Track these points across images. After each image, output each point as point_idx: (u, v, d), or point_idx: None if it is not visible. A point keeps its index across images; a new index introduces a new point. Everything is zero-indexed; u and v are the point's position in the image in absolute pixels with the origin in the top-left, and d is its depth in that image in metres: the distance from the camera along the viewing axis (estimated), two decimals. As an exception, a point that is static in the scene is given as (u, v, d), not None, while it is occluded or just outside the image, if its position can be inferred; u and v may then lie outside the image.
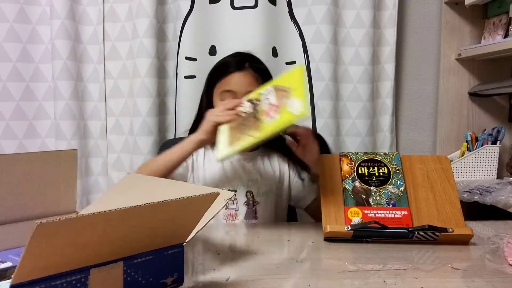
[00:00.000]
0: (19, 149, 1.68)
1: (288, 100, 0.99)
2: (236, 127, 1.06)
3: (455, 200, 1.02)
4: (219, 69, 1.27)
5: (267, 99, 1.05)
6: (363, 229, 0.95)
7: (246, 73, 1.22)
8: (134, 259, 0.62)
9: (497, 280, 0.76)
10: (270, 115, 1.01)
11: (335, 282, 0.76)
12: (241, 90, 1.20)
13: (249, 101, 1.09)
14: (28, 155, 0.85)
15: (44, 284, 0.53)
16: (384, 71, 1.80)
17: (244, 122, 1.05)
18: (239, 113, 1.07)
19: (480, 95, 1.84)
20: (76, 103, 1.71)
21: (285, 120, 0.98)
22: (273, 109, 1.02)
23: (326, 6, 1.69)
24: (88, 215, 0.51)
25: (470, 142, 1.78)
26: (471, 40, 1.85)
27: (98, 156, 1.79)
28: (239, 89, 1.20)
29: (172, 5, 1.75)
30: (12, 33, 1.65)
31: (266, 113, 1.02)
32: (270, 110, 1.02)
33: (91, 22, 1.74)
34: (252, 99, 1.09)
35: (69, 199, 0.91)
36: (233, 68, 1.23)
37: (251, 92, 1.17)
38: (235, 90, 1.21)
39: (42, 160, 0.88)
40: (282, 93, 1.03)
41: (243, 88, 1.20)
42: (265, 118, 1.02)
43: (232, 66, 1.24)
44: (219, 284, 0.74)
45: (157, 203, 0.57)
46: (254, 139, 1.00)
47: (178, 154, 1.13)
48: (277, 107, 1.01)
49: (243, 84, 1.21)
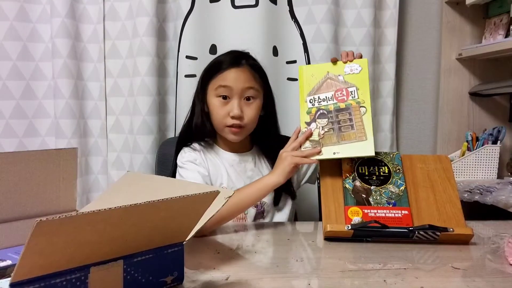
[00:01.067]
0: (19, 148, 1.68)
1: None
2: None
3: (456, 200, 1.02)
4: (214, 66, 1.24)
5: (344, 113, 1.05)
6: (363, 229, 0.95)
7: (243, 69, 1.20)
8: (134, 258, 0.62)
9: (497, 280, 0.76)
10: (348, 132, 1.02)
11: (335, 282, 0.76)
12: (237, 86, 1.18)
13: (317, 120, 1.06)
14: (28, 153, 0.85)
15: (44, 282, 0.53)
16: (384, 70, 1.80)
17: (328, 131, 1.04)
18: (319, 135, 1.05)
19: (480, 95, 1.84)
20: (76, 102, 1.70)
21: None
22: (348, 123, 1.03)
23: (327, 5, 1.69)
24: (88, 213, 0.51)
25: (470, 142, 1.78)
26: (472, 39, 1.84)
27: (98, 155, 1.79)
28: (236, 85, 1.18)
29: (172, 4, 1.75)
30: (12, 31, 1.65)
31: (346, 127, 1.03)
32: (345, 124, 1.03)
33: (92, 20, 1.74)
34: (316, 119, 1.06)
35: (69, 198, 0.91)
36: (229, 64, 1.21)
37: (247, 88, 1.18)
38: (231, 85, 1.18)
39: (42, 158, 0.87)
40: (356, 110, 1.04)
41: (239, 84, 1.18)
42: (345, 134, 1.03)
43: (228, 62, 1.21)
44: (218, 283, 0.74)
45: (157, 201, 0.57)
46: (335, 156, 1.02)
47: (254, 199, 1.11)
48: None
49: (240, 80, 1.19)
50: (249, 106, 1.20)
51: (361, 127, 1.01)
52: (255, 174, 1.26)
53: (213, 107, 1.21)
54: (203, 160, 1.24)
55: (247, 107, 1.19)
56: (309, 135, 1.08)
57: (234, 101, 1.18)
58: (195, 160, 1.22)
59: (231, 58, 1.23)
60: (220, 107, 1.19)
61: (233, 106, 1.17)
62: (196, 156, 1.23)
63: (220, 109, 1.19)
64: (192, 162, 1.22)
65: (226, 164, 1.26)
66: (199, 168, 1.21)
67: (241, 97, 1.19)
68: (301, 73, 1.09)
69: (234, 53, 1.26)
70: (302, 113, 1.05)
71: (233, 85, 1.18)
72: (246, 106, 1.19)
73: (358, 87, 1.06)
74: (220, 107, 1.19)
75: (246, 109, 1.19)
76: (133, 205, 0.54)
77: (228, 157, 1.27)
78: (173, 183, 1.00)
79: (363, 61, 1.10)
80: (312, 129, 1.03)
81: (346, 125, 1.02)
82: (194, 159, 1.23)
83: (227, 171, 1.25)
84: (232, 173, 1.25)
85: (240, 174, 1.25)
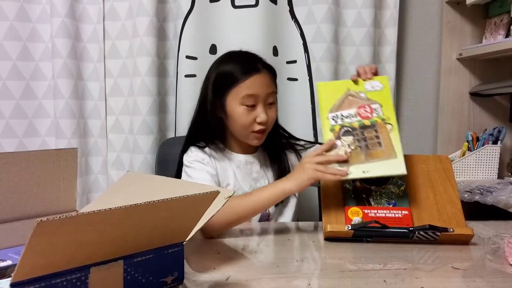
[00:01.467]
0: (19, 148, 1.68)
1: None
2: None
3: (456, 200, 1.02)
4: (232, 74, 1.18)
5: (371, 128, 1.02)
6: (364, 229, 0.95)
7: (264, 74, 1.18)
8: (134, 258, 0.62)
9: (497, 280, 0.76)
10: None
11: (335, 282, 0.76)
12: (262, 93, 1.16)
13: (342, 136, 1.02)
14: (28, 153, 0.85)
15: (44, 283, 0.53)
16: (385, 70, 1.80)
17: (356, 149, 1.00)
18: (346, 154, 1.00)
19: (481, 95, 1.84)
20: (76, 102, 1.70)
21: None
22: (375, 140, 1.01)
23: (327, 5, 1.69)
24: (88, 214, 0.51)
25: (471, 142, 1.77)
26: (472, 39, 1.84)
27: (98, 155, 1.78)
28: (261, 92, 1.16)
29: (172, 4, 1.75)
30: (12, 31, 1.65)
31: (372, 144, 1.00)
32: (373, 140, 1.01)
33: (91, 20, 1.74)
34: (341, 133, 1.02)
35: (69, 198, 0.91)
36: (250, 71, 1.17)
37: (270, 94, 1.17)
38: (257, 93, 1.16)
39: (42, 159, 0.87)
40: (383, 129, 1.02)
41: (264, 90, 1.17)
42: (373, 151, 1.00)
43: (247, 69, 1.17)
44: (219, 283, 0.74)
45: (157, 201, 0.57)
46: (365, 175, 0.98)
47: (268, 203, 1.08)
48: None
49: (264, 86, 1.17)
50: (271, 109, 1.20)
51: (389, 144, 0.98)
52: (260, 176, 1.27)
53: (238, 115, 1.17)
54: (211, 160, 1.23)
55: (270, 110, 1.19)
56: (331, 144, 1.01)
57: (260, 107, 1.17)
58: (203, 160, 1.21)
59: (248, 63, 1.19)
60: (246, 115, 1.17)
61: (260, 112, 1.16)
62: (204, 156, 1.22)
63: (246, 117, 1.17)
64: (200, 162, 1.21)
65: (233, 165, 1.25)
66: (207, 167, 1.20)
67: (265, 102, 1.18)
68: (319, 90, 1.06)
69: (247, 58, 1.22)
70: (325, 131, 1.01)
71: (259, 92, 1.16)
72: (269, 110, 1.19)
73: (382, 104, 1.03)
74: (246, 115, 1.17)
75: (269, 113, 1.19)
76: (133, 205, 0.54)
77: (235, 158, 1.26)
78: (173, 183, 1.00)
79: (384, 78, 1.07)
80: (338, 147, 0.99)
81: (373, 142, 0.99)
82: (201, 158, 1.22)
83: (234, 172, 1.24)
84: (239, 174, 1.25)
85: (246, 176, 1.25)
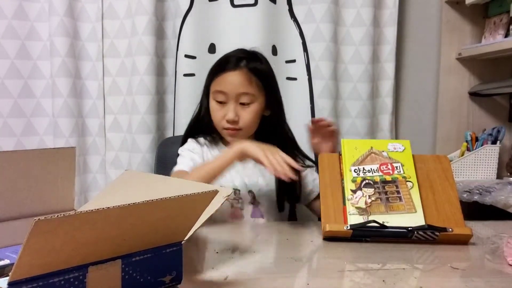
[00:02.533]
0: (17, 147, 1.67)
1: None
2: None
3: (455, 200, 1.02)
4: (216, 67, 1.24)
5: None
6: (363, 229, 0.95)
7: (240, 72, 1.19)
8: (132, 257, 0.62)
9: (496, 280, 0.76)
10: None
11: (334, 282, 0.76)
12: (232, 91, 1.18)
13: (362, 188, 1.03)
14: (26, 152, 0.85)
15: (42, 282, 0.53)
16: (384, 70, 1.80)
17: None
18: (366, 203, 1.00)
19: (480, 94, 1.84)
20: (75, 101, 1.70)
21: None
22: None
23: (326, 4, 1.69)
24: (86, 212, 0.51)
25: (470, 142, 1.77)
26: (472, 39, 1.84)
27: (96, 154, 1.78)
28: (230, 90, 1.18)
29: (171, 3, 1.75)
30: (10, 30, 1.64)
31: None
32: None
33: (90, 19, 1.73)
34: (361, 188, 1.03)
35: (67, 197, 0.91)
36: (227, 66, 1.21)
37: (241, 94, 1.18)
38: (226, 91, 1.19)
39: (40, 157, 0.87)
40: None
41: (234, 89, 1.18)
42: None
43: (227, 64, 1.21)
44: (217, 283, 0.74)
45: (156, 200, 0.56)
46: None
47: (218, 168, 1.10)
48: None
49: (234, 84, 1.19)
50: (244, 110, 1.20)
51: (409, 200, 1.00)
52: (254, 173, 1.26)
53: (211, 109, 1.23)
54: (202, 150, 1.25)
55: (243, 111, 1.20)
56: (290, 162, 1.03)
57: (230, 105, 1.19)
58: (193, 149, 1.25)
59: (230, 60, 1.22)
60: (217, 110, 1.22)
61: (228, 110, 1.19)
62: (195, 146, 1.26)
63: (216, 112, 1.22)
64: (190, 150, 1.25)
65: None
66: (193, 155, 1.23)
67: (236, 101, 1.19)
68: (343, 145, 1.09)
69: (236, 54, 1.24)
70: (347, 181, 1.04)
71: (228, 90, 1.19)
72: (242, 110, 1.20)
73: (403, 163, 1.06)
74: (217, 110, 1.22)
75: (242, 113, 1.20)
76: (131, 204, 0.54)
77: None
78: (171, 181, 0.99)
79: (405, 142, 1.11)
80: (358, 197, 1.01)
81: (394, 196, 1.01)
82: (192, 148, 1.25)
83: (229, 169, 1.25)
84: (232, 171, 1.25)
85: (239, 172, 1.25)
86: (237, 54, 1.25)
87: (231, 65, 1.21)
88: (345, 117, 1.78)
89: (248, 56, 1.24)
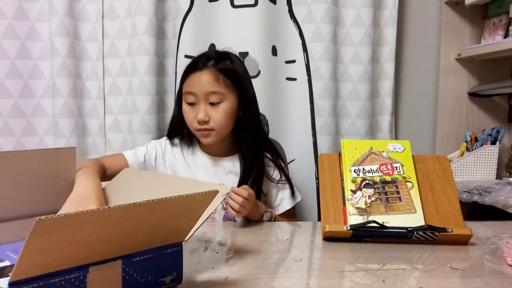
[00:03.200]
0: (17, 147, 1.67)
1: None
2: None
3: (454, 200, 1.02)
4: (186, 69, 1.25)
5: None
6: (362, 229, 0.95)
7: (207, 72, 1.19)
8: (133, 258, 0.62)
9: (496, 280, 0.76)
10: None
11: (334, 282, 0.76)
12: (200, 91, 1.19)
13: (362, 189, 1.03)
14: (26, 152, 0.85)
15: (43, 282, 0.53)
16: (383, 70, 1.80)
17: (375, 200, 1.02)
18: (366, 204, 1.01)
19: (479, 95, 1.84)
20: (75, 101, 1.70)
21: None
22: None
23: (326, 5, 1.69)
24: (87, 212, 0.51)
25: (469, 142, 1.78)
26: (471, 40, 1.84)
27: (97, 154, 1.78)
28: (198, 90, 1.19)
29: (171, 3, 1.75)
30: (10, 30, 1.64)
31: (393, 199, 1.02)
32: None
33: (90, 19, 1.73)
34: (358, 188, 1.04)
35: (67, 197, 0.91)
36: (192, 68, 1.21)
37: (209, 93, 1.18)
38: (194, 91, 1.19)
39: (41, 157, 0.87)
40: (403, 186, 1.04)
41: (202, 89, 1.18)
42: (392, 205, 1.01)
43: (196, 65, 1.21)
44: (217, 283, 0.74)
45: (156, 200, 0.57)
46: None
47: None
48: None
49: (202, 84, 1.19)
50: (214, 110, 1.20)
51: (409, 200, 1.01)
52: (228, 180, 1.26)
53: (184, 111, 1.24)
54: (164, 153, 1.29)
55: (213, 110, 1.20)
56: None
57: (200, 106, 1.20)
58: (151, 152, 1.30)
59: (199, 61, 1.23)
60: (188, 112, 1.22)
61: (198, 110, 1.20)
62: (153, 149, 1.30)
63: (188, 114, 1.23)
64: (144, 147, 1.31)
65: (199, 165, 1.28)
66: (141, 151, 1.29)
67: (206, 101, 1.20)
68: (343, 146, 1.10)
69: (205, 55, 1.25)
70: (347, 182, 1.04)
71: (196, 90, 1.19)
72: (212, 109, 1.20)
73: (403, 164, 1.06)
74: (188, 112, 1.22)
75: (212, 113, 1.20)
76: (132, 204, 0.54)
77: (202, 158, 1.29)
78: (170, 180, 1.00)
79: (405, 142, 1.12)
80: (358, 197, 1.02)
81: (394, 197, 1.01)
82: (150, 150, 1.30)
83: (200, 172, 1.27)
84: (204, 176, 1.26)
85: (212, 178, 1.25)
86: (206, 54, 1.26)
87: (199, 65, 1.21)
88: (345, 117, 1.78)
89: (218, 56, 1.24)
